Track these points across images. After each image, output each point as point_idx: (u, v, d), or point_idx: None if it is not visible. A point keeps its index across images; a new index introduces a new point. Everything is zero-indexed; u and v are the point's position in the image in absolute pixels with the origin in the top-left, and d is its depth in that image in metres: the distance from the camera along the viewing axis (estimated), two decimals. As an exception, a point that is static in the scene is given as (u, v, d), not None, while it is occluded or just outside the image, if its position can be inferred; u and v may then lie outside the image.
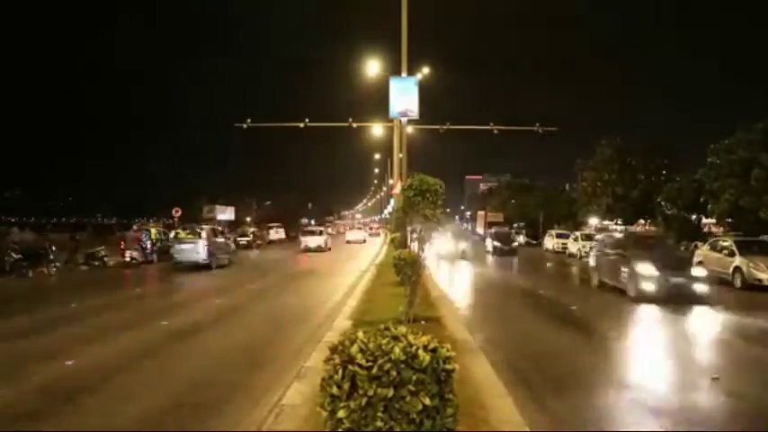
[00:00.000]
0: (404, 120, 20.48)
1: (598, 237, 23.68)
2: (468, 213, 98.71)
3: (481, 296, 16.59)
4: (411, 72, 20.05)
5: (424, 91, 20.50)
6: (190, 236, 23.53)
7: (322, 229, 44.86)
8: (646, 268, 13.89)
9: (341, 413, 2.80)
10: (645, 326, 11.81)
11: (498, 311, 13.26)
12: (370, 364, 2.83)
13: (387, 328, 3.09)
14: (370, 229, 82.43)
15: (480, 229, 72.73)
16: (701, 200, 32.91)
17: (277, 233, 53.13)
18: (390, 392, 2.77)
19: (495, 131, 26.45)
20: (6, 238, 23.11)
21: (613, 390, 6.60)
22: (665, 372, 7.66)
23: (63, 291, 16.82)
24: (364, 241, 50.13)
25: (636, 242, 16.79)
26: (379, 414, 2.76)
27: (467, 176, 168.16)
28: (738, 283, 17.55)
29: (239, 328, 10.56)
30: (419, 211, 8.63)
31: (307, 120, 25.99)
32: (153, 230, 28.11)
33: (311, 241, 37.59)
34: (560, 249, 38.09)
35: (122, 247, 25.94)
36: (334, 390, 2.85)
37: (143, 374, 7.20)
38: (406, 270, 9.58)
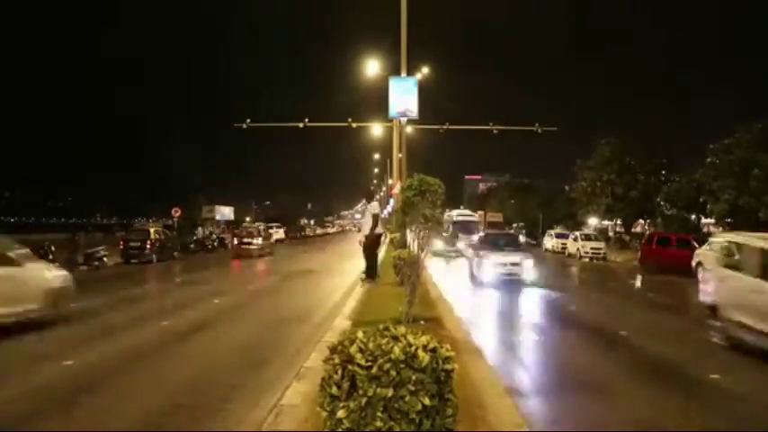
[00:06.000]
0: (403, 120, 20.49)
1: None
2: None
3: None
4: (410, 72, 20.05)
5: (424, 91, 20.52)
6: None
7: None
8: None
9: (340, 413, 2.81)
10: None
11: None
12: (369, 364, 2.84)
13: (386, 328, 3.10)
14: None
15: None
16: (701, 200, 32.96)
17: (276, 233, 53.17)
18: (390, 392, 2.78)
19: (495, 131, 26.50)
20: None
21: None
22: None
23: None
24: None
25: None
26: (379, 414, 2.77)
27: (466, 176, 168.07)
28: (738, 283, 17.55)
29: (239, 328, 10.56)
30: (419, 211, 8.63)
31: (306, 120, 26.03)
32: (152, 230, 28.15)
33: None
34: (560, 249, 38.04)
35: (122, 246, 26.22)
36: (334, 390, 2.86)
37: (142, 374, 7.20)
38: (406, 270, 9.58)
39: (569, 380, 7.29)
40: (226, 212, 67.77)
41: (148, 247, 26.35)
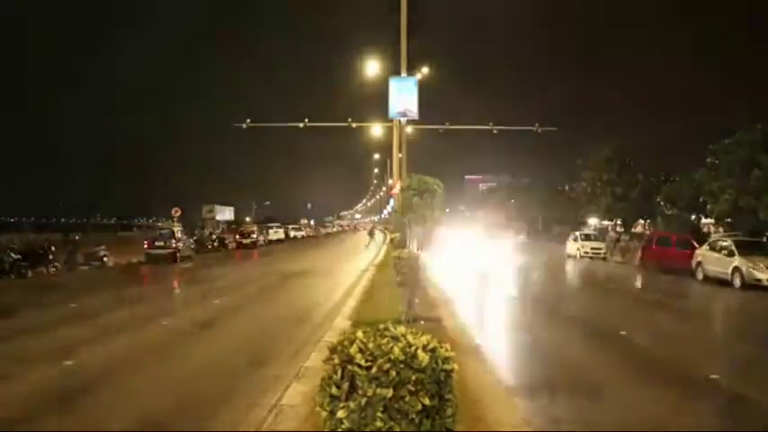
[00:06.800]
0: (403, 120, 20.48)
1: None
2: (467, 213, 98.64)
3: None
4: (410, 72, 20.05)
5: (424, 91, 20.51)
6: None
7: None
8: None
9: (340, 413, 2.81)
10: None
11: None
12: (369, 364, 2.84)
13: (386, 329, 3.10)
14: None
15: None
16: (701, 200, 32.95)
17: (276, 233, 53.25)
18: (390, 392, 2.77)
19: (495, 131, 26.46)
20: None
21: None
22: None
23: (63, 291, 16.82)
24: None
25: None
26: (379, 414, 2.77)
27: (467, 176, 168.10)
28: (738, 283, 17.54)
29: (239, 329, 10.57)
30: (418, 211, 8.65)
31: (306, 120, 25.98)
32: (176, 230, 28.38)
33: None
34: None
35: (146, 246, 26.57)
36: (334, 390, 2.86)
37: (143, 374, 7.21)
38: (406, 270, 9.58)
39: (567, 376, 7.30)
40: (226, 212, 67.79)
41: (173, 246, 26.67)
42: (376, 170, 78.07)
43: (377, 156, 59.01)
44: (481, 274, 23.14)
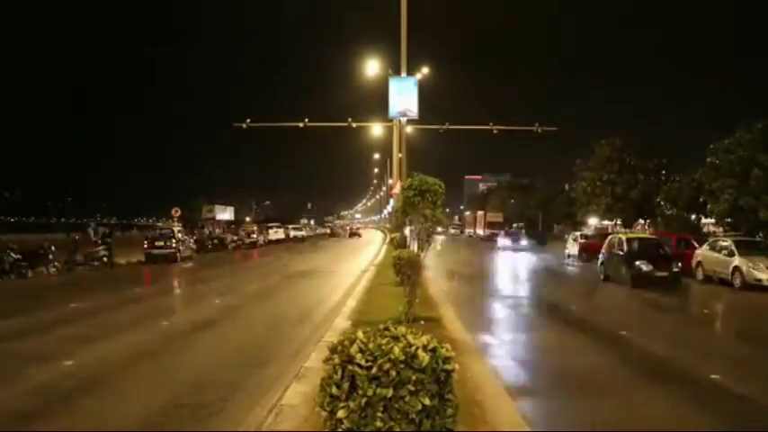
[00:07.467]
0: (403, 120, 20.49)
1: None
2: (467, 213, 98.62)
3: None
4: (410, 72, 20.04)
5: (424, 91, 20.51)
6: None
7: None
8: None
9: (340, 413, 2.80)
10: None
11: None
12: (369, 364, 2.83)
13: (386, 328, 3.09)
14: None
15: (480, 230, 72.77)
16: (701, 200, 32.94)
17: (276, 233, 53.28)
18: (390, 392, 2.77)
19: (495, 131, 26.44)
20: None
21: None
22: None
23: (63, 291, 16.82)
24: None
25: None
26: (379, 414, 2.76)
27: (467, 176, 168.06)
28: (738, 283, 17.52)
29: (239, 328, 10.56)
30: (419, 210, 8.65)
31: (306, 120, 25.96)
32: (176, 230, 28.48)
33: None
34: None
35: (146, 246, 26.69)
36: (334, 390, 2.85)
37: (143, 374, 7.20)
38: (406, 270, 9.58)
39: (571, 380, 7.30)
40: (226, 212, 67.77)
41: (173, 246, 26.75)
42: (376, 170, 78.14)
43: (377, 156, 59.04)
44: (482, 275, 23.16)
